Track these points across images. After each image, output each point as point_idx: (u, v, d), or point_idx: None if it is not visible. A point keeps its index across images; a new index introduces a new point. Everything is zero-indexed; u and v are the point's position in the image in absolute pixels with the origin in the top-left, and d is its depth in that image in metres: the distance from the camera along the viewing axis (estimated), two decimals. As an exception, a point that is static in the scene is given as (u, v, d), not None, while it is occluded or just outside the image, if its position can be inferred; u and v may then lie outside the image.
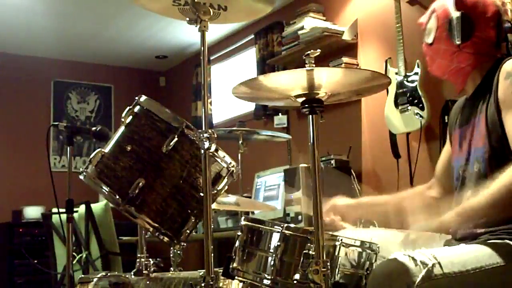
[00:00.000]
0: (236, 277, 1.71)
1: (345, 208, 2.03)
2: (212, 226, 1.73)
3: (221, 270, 1.74)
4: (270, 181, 4.37)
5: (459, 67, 1.83)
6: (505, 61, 1.72)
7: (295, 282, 1.54)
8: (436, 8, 1.88)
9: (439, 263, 1.49)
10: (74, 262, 3.56)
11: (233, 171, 1.93)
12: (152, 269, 2.11)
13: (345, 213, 2.03)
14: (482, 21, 1.80)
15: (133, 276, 2.09)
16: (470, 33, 1.78)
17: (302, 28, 4.47)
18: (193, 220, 1.86)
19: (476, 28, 1.78)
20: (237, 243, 1.70)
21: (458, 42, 1.78)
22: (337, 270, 1.56)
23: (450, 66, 1.84)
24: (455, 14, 1.79)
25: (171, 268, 2.22)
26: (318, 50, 1.58)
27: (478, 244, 1.61)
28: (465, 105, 1.89)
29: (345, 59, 4.26)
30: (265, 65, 5.09)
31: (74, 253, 3.58)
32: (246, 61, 5.70)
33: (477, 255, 1.55)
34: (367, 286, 1.54)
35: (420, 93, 3.66)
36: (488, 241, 1.61)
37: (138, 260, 2.11)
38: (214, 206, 2.24)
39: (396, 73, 3.79)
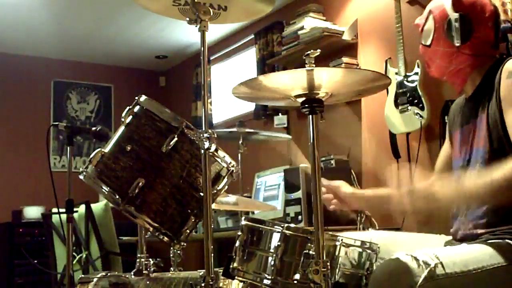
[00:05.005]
0: (236, 277, 1.71)
1: (348, 195, 2.01)
2: (212, 226, 1.73)
3: (221, 270, 1.74)
4: (270, 181, 4.37)
5: (458, 68, 1.82)
6: (507, 60, 1.71)
7: (295, 282, 1.54)
8: (432, 9, 1.87)
9: (441, 263, 1.49)
10: (74, 262, 3.56)
11: (233, 171, 1.93)
12: (152, 269, 2.11)
13: (347, 201, 2.01)
14: (481, 22, 1.79)
15: (133, 276, 2.09)
16: (469, 34, 1.77)
17: (302, 28, 4.47)
18: (193, 220, 1.86)
19: (474, 29, 1.77)
20: (237, 243, 1.71)
21: (457, 44, 1.77)
22: (337, 270, 1.56)
23: (449, 68, 1.83)
24: (454, 15, 1.78)
25: (171, 268, 2.22)
26: (318, 50, 1.58)
27: (480, 244, 1.61)
28: (465, 105, 1.88)
29: (345, 59, 4.26)
30: (265, 65, 5.09)
31: (74, 253, 3.58)
32: (246, 61, 5.70)
33: (479, 255, 1.55)
34: (368, 286, 1.54)
35: (420, 93, 3.66)
36: (489, 241, 1.61)
37: (138, 260, 2.11)
38: (213, 206, 2.24)
39: (396, 73, 3.79)
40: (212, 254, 1.70)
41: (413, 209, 1.65)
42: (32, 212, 5.64)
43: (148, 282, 2.06)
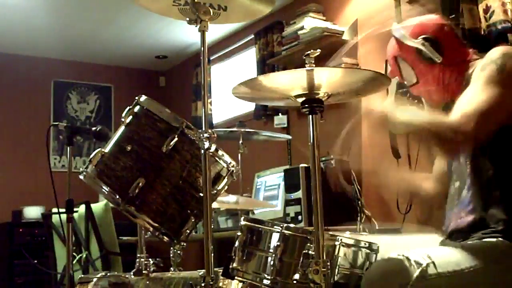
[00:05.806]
0: (236, 277, 1.71)
1: None
2: (212, 226, 1.74)
3: (221, 270, 1.74)
4: (270, 181, 4.37)
5: (452, 80, 1.86)
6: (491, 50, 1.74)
7: (294, 282, 1.54)
8: (394, 54, 1.93)
9: (433, 262, 1.50)
10: (74, 262, 3.56)
11: (233, 171, 1.93)
12: (152, 269, 2.11)
13: None
14: (437, 32, 1.85)
15: (133, 276, 2.09)
16: (440, 46, 1.83)
17: (302, 28, 4.47)
18: (193, 220, 1.86)
19: (439, 40, 1.83)
20: (236, 243, 1.71)
21: (439, 60, 1.82)
22: (336, 270, 1.57)
23: (445, 85, 1.88)
24: (417, 42, 1.84)
25: (171, 268, 2.22)
26: (318, 50, 1.58)
27: (472, 243, 1.62)
28: None
29: (345, 59, 4.25)
30: (265, 65, 5.08)
31: (74, 253, 3.58)
32: (246, 61, 5.70)
33: (471, 254, 1.56)
34: (361, 286, 1.54)
35: (420, 93, 3.65)
36: (482, 240, 1.61)
37: (138, 260, 2.12)
38: (214, 204, 2.24)
39: (396, 73, 3.79)
40: (212, 254, 1.70)
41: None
42: (32, 212, 5.64)
43: (148, 282, 2.06)
